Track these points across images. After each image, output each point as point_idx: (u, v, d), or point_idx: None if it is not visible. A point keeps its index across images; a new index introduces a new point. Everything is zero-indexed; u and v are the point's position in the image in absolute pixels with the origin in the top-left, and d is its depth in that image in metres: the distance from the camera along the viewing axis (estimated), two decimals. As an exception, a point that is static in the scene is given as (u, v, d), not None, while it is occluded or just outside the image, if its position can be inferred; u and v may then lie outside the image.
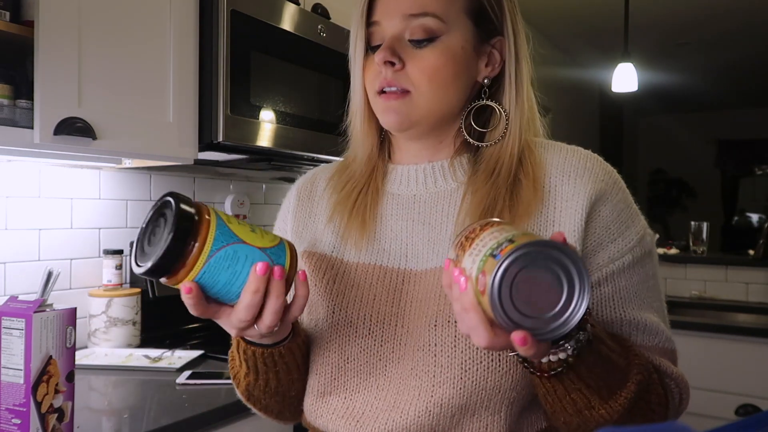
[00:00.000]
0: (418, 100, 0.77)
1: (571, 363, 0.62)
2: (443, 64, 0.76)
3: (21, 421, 0.93)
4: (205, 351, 1.63)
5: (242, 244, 0.63)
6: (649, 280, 0.78)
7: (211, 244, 0.61)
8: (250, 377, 0.80)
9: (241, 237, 0.63)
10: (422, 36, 0.76)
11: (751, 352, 2.41)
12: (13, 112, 1.23)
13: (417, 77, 0.76)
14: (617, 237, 0.76)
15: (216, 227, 0.62)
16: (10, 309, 0.94)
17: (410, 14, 0.77)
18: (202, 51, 1.54)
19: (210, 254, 0.61)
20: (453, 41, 0.77)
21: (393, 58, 0.76)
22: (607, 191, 0.76)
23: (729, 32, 4.80)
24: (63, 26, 1.25)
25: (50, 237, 1.63)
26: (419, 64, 0.76)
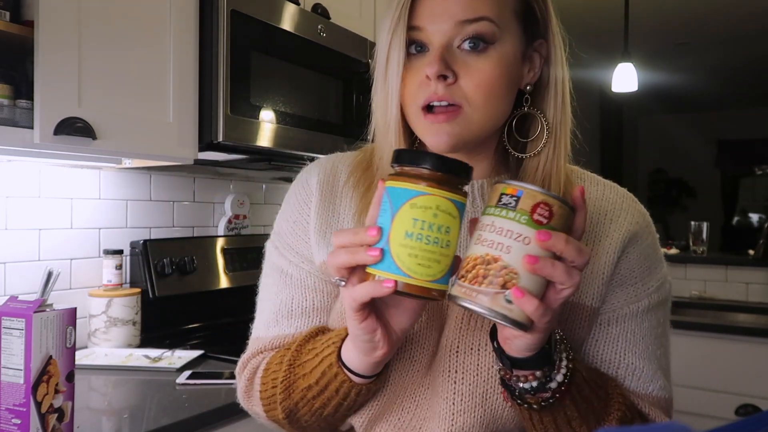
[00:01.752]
0: (471, 117, 0.70)
1: (560, 390, 0.64)
2: (498, 75, 0.69)
3: (21, 421, 0.93)
4: (205, 351, 1.63)
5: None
6: (658, 328, 0.77)
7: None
8: (311, 393, 0.72)
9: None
10: (476, 45, 0.69)
11: (751, 352, 2.41)
12: (13, 112, 1.23)
13: (471, 91, 0.69)
14: (638, 281, 0.75)
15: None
16: (10, 309, 0.94)
17: (464, 20, 0.68)
18: (202, 51, 1.54)
19: None
20: (507, 48, 0.70)
21: (447, 71, 0.68)
22: (639, 234, 0.76)
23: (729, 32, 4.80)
24: (63, 26, 1.25)
25: (50, 237, 1.63)
26: (474, 77, 0.69)
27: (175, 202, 1.97)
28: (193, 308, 1.91)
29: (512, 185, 0.57)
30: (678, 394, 0.79)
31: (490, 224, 0.56)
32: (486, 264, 0.55)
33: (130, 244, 1.81)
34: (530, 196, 0.55)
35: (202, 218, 2.06)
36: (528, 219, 0.54)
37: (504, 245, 0.54)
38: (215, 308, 1.97)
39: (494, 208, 0.57)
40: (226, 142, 1.53)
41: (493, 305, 0.54)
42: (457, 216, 0.57)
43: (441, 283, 0.57)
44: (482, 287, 0.54)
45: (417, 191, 0.56)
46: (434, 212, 0.56)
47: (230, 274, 1.99)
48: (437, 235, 0.56)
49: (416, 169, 0.57)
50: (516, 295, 0.54)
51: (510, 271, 0.54)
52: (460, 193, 0.58)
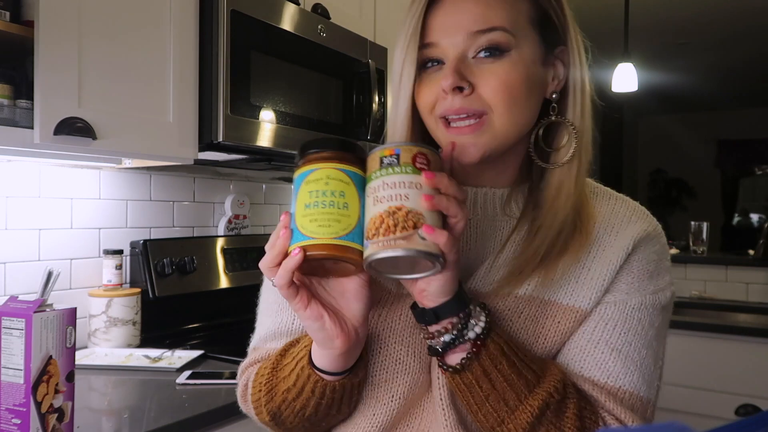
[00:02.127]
0: (496, 123, 0.69)
1: (477, 345, 0.66)
2: (516, 78, 0.69)
3: (21, 421, 0.93)
4: (205, 351, 1.63)
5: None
6: (650, 330, 0.74)
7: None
8: (290, 395, 0.73)
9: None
10: (491, 54, 0.69)
11: (751, 352, 2.41)
12: (13, 112, 1.23)
13: (491, 96, 0.69)
14: (635, 280, 0.75)
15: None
16: (10, 309, 0.94)
17: (476, 31, 0.69)
18: (202, 51, 1.54)
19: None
20: (523, 55, 0.70)
21: (462, 83, 0.68)
22: (646, 240, 0.76)
23: (729, 32, 4.81)
24: (63, 26, 1.25)
25: (50, 237, 1.63)
26: (492, 82, 0.69)
27: (175, 202, 1.97)
28: (193, 308, 1.91)
29: (387, 147, 0.63)
30: (678, 394, 0.78)
31: (380, 185, 0.61)
32: (392, 215, 0.59)
33: (130, 244, 1.81)
34: (407, 150, 0.62)
35: (202, 218, 2.06)
36: (413, 168, 0.61)
37: (402, 195, 0.60)
38: (215, 308, 1.97)
39: (378, 171, 0.62)
40: (226, 142, 1.53)
41: (412, 245, 0.59)
42: (351, 182, 0.62)
43: (348, 239, 0.61)
44: (397, 234, 0.59)
45: (309, 170, 0.63)
46: (325, 181, 0.62)
47: (230, 274, 1.99)
48: (332, 199, 0.61)
49: (307, 156, 0.64)
50: (427, 231, 0.58)
51: (415, 213, 0.59)
52: (351, 164, 0.63)
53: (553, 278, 0.72)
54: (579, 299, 0.74)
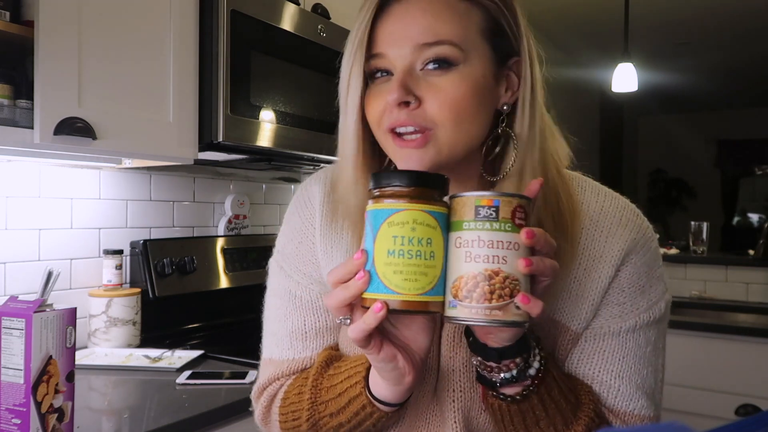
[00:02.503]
0: (442, 139, 0.67)
1: (538, 377, 0.65)
2: (464, 94, 0.67)
3: (21, 421, 0.93)
4: (205, 351, 1.63)
5: None
6: (646, 347, 0.74)
7: None
8: (345, 428, 0.72)
9: None
10: (438, 67, 0.67)
11: (751, 352, 2.41)
12: (13, 112, 1.23)
13: (437, 113, 0.66)
14: (627, 300, 0.73)
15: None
16: (10, 309, 0.94)
17: (423, 43, 0.66)
18: (202, 51, 1.54)
19: None
20: (472, 69, 0.68)
21: (408, 97, 0.66)
22: (635, 251, 0.73)
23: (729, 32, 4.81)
24: (63, 26, 1.25)
25: (50, 237, 1.63)
26: (438, 98, 0.66)
27: (175, 202, 1.97)
28: (193, 308, 1.91)
29: (485, 196, 0.58)
30: (678, 394, 0.78)
31: (476, 239, 0.57)
32: (489, 279, 0.56)
33: (130, 244, 1.81)
34: (507, 203, 0.57)
35: (202, 218, 2.06)
36: (512, 225, 0.57)
37: (500, 257, 0.56)
38: (215, 308, 1.97)
39: (474, 222, 0.57)
40: (226, 142, 1.53)
41: (507, 316, 0.56)
42: (437, 226, 0.58)
43: (433, 294, 0.58)
44: (493, 303, 0.56)
45: (393, 209, 0.58)
46: (412, 226, 0.57)
47: (230, 274, 1.99)
48: (419, 248, 0.57)
49: (389, 189, 0.59)
50: (524, 301, 0.56)
51: (512, 279, 0.56)
52: (438, 204, 0.59)
53: (554, 293, 0.71)
54: (572, 319, 0.73)
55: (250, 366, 1.49)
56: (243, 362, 1.53)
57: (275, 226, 2.33)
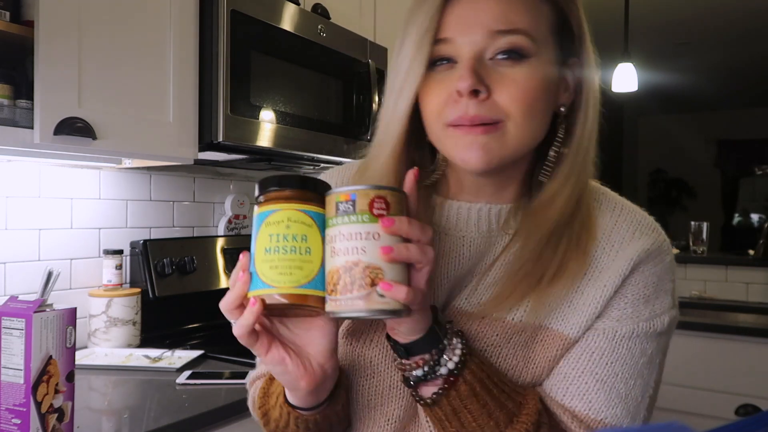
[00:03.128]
0: (511, 133, 0.64)
1: (450, 380, 0.63)
2: (536, 89, 0.64)
3: (21, 421, 0.93)
4: (205, 351, 1.63)
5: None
6: (641, 358, 0.69)
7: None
8: (281, 424, 0.72)
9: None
10: (510, 57, 0.64)
11: (751, 352, 2.41)
12: (13, 112, 1.23)
13: (508, 104, 0.63)
14: (628, 306, 0.70)
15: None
16: (10, 309, 0.94)
17: (497, 30, 0.63)
18: (202, 51, 1.54)
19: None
20: (542, 64, 0.65)
21: (480, 86, 0.62)
22: (645, 261, 0.70)
23: (729, 32, 4.81)
24: (63, 26, 1.25)
25: (50, 237, 1.63)
26: (511, 89, 0.63)
27: (175, 202, 1.97)
28: (193, 308, 1.91)
29: (343, 192, 0.59)
30: (678, 394, 0.76)
31: (337, 234, 0.58)
32: (349, 271, 0.56)
33: (130, 244, 1.81)
34: (363, 195, 0.58)
35: (202, 218, 2.06)
36: (369, 216, 0.57)
37: (358, 248, 0.57)
38: (215, 308, 1.94)
39: (335, 218, 0.58)
40: (226, 142, 1.53)
41: (370, 305, 0.56)
42: (314, 224, 0.59)
43: (310, 288, 0.58)
44: (354, 293, 0.56)
45: (270, 210, 0.59)
46: (286, 224, 0.58)
47: (230, 274, 1.99)
48: (293, 244, 0.58)
49: (267, 193, 0.60)
50: (385, 288, 0.55)
51: (373, 268, 0.56)
52: (313, 204, 0.60)
53: (547, 304, 0.68)
54: (568, 326, 0.70)
55: (250, 366, 1.48)
56: (243, 362, 1.53)
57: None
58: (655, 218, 0.75)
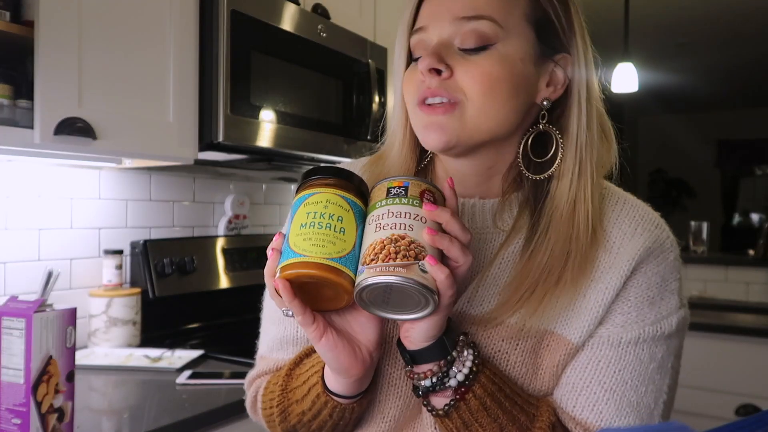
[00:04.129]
0: (469, 112, 0.67)
1: (460, 391, 0.63)
2: (499, 73, 0.66)
3: (21, 421, 0.93)
4: (205, 351, 1.63)
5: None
6: (650, 363, 0.68)
7: None
8: (305, 417, 0.72)
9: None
10: (475, 43, 0.66)
11: (751, 352, 2.41)
12: (13, 112, 1.23)
13: (468, 85, 0.66)
14: (632, 309, 0.68)
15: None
16: (10, 309, 0.94)
17: (462, 17, 0.67)
18: (202, 51, 1.54)
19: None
20: (511, 50, 0.67)
21: (439, 65, 0.66)
22: (647, 260, 0.69)
23: (729, 32, 4.81)
24: (63, 26, 1.25)
25: (50, 237, 1.63)
26: (471, 71, 0.66)
27: (175, 202, 1.97)
28: (193, 308, 1.91)
29: (396, 179, 0.62)
30: (678, 394, 0.75)
31: (386, 212, 0.60)
32: (395, 242, 0.58)
33: (130, 244, 1.81)
34: (416, 184, 0.61)
35: (202, 218, 2.06)
36: (419, 202, 0.60)
37: (406, 225, 0.58)
38: (215, 308, 1.97)
39: (385, 200, 0.61)
40: (226, 142, 1.53)
41: (411, 274, 0.56)
42: (350, 210, 0.61)
43: (341, 263, 0.58)
44: (398, 261, 0.57)
45: (309, 194, 0.62)
46: (324, 204, 0.60)
47: (230, 274, 1.99)
48: (329, 221, 0.59)
49: (308, 182, 0.63)
50: (431, 262, 0.56)
51: (418, 245, 0.58)
52: (352, 194, 0.62)
53: (553, 308, 0.68)
54: (571, 331, 0.69)
55: (250, 366, 1.48)
56: (243, 362, 1.53)
57: (275, 226, 2.33)
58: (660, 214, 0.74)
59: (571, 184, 0.69)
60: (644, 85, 4.25)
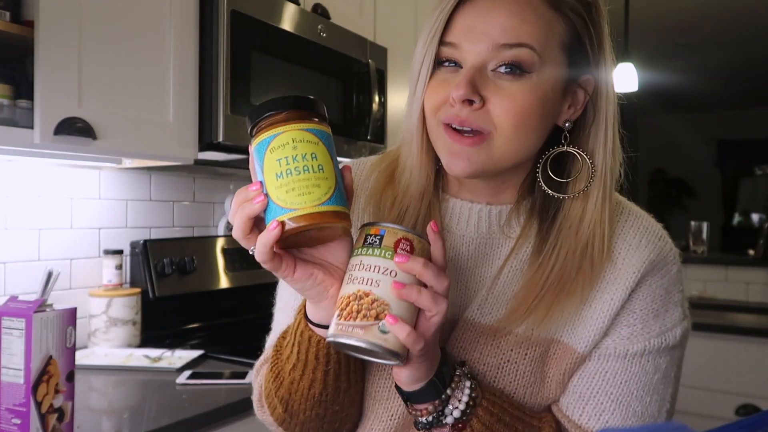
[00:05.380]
0: (497, 145, 0.65)
1: (458, 427, 0.63)
2: (531, 105, 0.64)
3: (21, 421, 0.93)
4: (205, 351, 1.63)
5: None
6: (655, 374, 0.70)
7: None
8: (296, 372, 0.70)
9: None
10: (512, 71, 0.64)
11: (751, 352, 2.41)
12: (13, 112, 1.23)
13: (501, 118, 0.64)
14: (638, 322, 0.69)
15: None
16: (10, 309, 0.94)
17: (503, 44, 0.63)
18: (202, 51, 1.54)
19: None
20: (544, 81, 0.65)
21: (474, 96, 0.63)
22: (651, 273, 0.70)
23: (729, 32, 4.81)
24: (63, 26, 1.25)
25: (50, 237, 1.63)
26: (505, 103, 0.64)
27: (175, 202, 1.97)
28: (193, 308, 1.91)
29: (375, 226, 0.60)
30: (678, 393, 0.76)
31: (358, 263, 0.59)
32: (358, 300, 0.57)
33: (130, 244, 1.81)
34: (392, 233, 0.59)
35: (202, 218, 2.06)
36: (392, 253, 0.58)
37: (373, 280, 0.57)
38: (215, 308, 1.97)
39: (361, 248, 0.60)
40: (226, 142, 1.53)
41: (368, 336, 0.56)
42: (320, 142, 0.58)
43: (331, 204, 0.57)
44: (357, 321, 0.56)
45: (270, 136, 0.58)
46: (292, 145, 0.57)
47: (230, 274, 1.99)
48: (305, 163, 0.56)
49: (262, 121, 0.58)
50: (390, 321, 0.56)
51: (381, 303, 0.56)
52: (314, 122, 0.58)
53: (559, 318, 0.68)
54: (577, 340, 0.70)
55: (250, 366, 1.49)
56: (243, 362, 1.53)
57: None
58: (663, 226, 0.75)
59: (594, 208, 0.69)
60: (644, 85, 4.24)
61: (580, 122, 0.71)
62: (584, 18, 0.67)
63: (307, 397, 0.71)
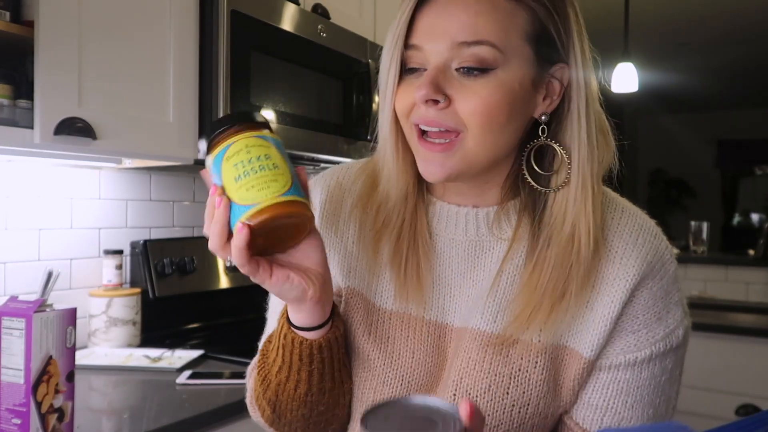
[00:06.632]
0: (469, 145, 0.65)
1: None
2: (498, 101, 0.64)
3: (21, 421, 0.93)
4: (205, 351, 1.63)
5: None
6: (662, 375, 0.70)
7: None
8: (282, 374, 0.71)
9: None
10: (474, 68, 0.64)
11: (751, 352, 2.41)
12: (13, 112, 1.23)
13: (468, 116, 0.64)
14: (642, 328, 0.69)
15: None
16: (10, 309, 0.94)
17: (461, 42, 0.63)
18: (202, 51, 1.54)
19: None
20: (510, 75, 0.64)
21: (437, 95, 0.63)
22: (650, 276, 0.69)
23: (729, 32, 4.81)
24: (63, 26, 1.25)
25: (50, 237, 1.63)
26: (470, 100, 0.63)
27: (175, 202, 1.97)
28: (193, 308, 1.91)
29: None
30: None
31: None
32: None
33: (130, 244, 1.81)
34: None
35: (202, 218, 2.05)
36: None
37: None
38: (215, 308, 1.97)
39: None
40: (226, 142, 1.53)
41: None
42: (270, 144, 0.61)
43: (291, 194, 0.60)
44: None
45: (225, 147, 0.61)
46: (246, 150, 0.60)
47: (230, 274, 1.99)
48: (260, 163, 0.60)
49: (216, 138, 0.62)
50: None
51: None
52: (263, 131, 0.62)
53: (562, 321, 0.68)
54: (583, 345, 0.69)
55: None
56: (243, 362, 1.53)
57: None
58: (653, 217, 0.74)
59: (575, 200, 0.68)
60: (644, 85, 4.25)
61: (561, 112, 0.69)
62: (545, 5, 0.66)
63: (293, 398, 0.72)
